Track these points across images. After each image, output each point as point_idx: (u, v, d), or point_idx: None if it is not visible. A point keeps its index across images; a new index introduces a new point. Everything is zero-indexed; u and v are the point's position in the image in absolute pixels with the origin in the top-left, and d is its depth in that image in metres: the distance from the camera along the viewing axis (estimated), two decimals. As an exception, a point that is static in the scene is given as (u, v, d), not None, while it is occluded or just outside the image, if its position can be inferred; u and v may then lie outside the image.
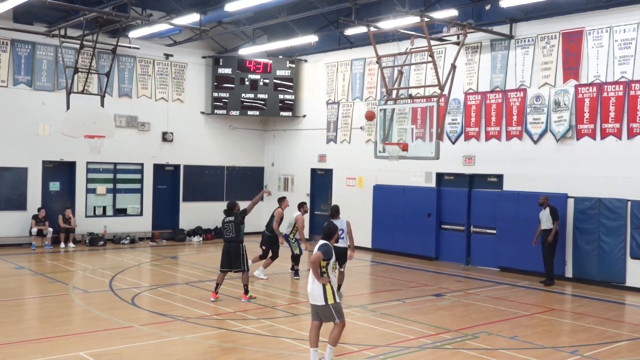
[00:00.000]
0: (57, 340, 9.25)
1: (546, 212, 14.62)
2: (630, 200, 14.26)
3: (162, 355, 8.79)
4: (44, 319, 10.90)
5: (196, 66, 22.18)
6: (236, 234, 12.08)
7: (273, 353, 8.86)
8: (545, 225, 14.66)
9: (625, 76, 14.46)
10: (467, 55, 17.30)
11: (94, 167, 20.30)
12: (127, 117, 20.63)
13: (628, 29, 14.44)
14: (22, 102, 18.77)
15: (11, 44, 18.58)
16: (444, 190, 18.00)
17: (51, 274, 14.74)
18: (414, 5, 16.15)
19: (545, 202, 14.76)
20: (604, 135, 14.78)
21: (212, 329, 10.14)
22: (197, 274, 15.17)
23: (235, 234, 12.08)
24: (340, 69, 20.88)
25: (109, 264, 16.43)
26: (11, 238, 18.63)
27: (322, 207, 21.80)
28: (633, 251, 14.21)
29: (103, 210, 20.61)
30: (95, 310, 11.19)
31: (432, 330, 10.32)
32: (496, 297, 13.21)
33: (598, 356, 9.15)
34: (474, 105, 17.24)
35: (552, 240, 14.56)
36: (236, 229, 12.07)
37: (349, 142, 20.63)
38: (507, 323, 11.01)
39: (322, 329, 8.25)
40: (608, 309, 12.48)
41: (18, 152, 18.77)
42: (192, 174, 22.19)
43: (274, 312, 11.37)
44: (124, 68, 20.64)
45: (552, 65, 15.71)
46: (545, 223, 14.64)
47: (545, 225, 14.66)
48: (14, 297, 12.47)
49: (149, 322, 10.44)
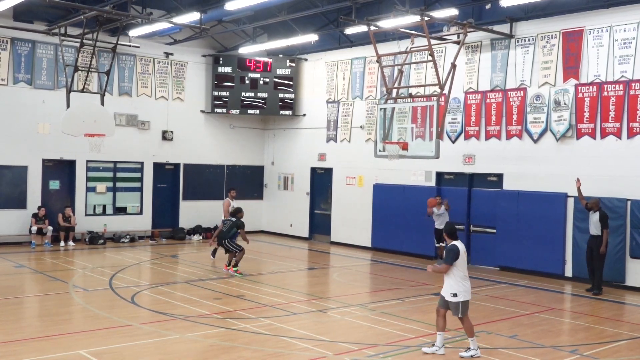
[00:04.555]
0: (57, 339, 9.25)
1: (595, 216, 13.57)
2: (630, 200, 14.26)
3: (162, 353, 8.79)
4: (44, 317, 10.90)
5: (196, 65, 22.17)
6: (227, 230, 14.80)
7: (272, 352, 8.86)
8: (593, 230, 13.64)
9: (625, 75, 14.46)
10: (467, 54, 17.30)
11: (94, 166, 20.31)
12: (127, 115, 20.63)
13: (628, 28, 14.44)
14: (22, 100, 18.77)
15: (11, 42, 18.57)
16: (444, 189, 17.99)
17: (51, 272, 14.75)
18: (414, 4, 16.13)
19: (594, 206, 13.66)
20: (604, 135, 14.79)
21: (212, 327, 10.14)
22: (196, 272, 15.18)
23: (227, 230, 14.80)
24: (341, 67, 20.87)
25: (109, 262, 16.44)
26: (11, 236, 18.63)
27: (322, 206, 21.82)
28: (633, 250, 14.21)
29: (103, 208, 20.62)
30: (95, 309, 11.19)
31: (432, 330, 10.30)
32: (496, 296, 13.22)
33: (597, 355, 9.15)
34: (474, 105, 17.24)
35: (604, 250, 13.46)
36: (230, 228, 14.78)
37: (349, 141, 20.63)
38: (506, 322, 11.02)
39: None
40: (607, 308, 12.49)
41: (18, 150, 18.77)
42: (192, 172, 22.19)
43: (274, 311, 11.37)
44: (124, 66, 20.64)
45: (552, 64, 15.71)
46: (594, 229, 13.63)
47: (593, 230, 13.64)
48: (13, 295, 12.46)
49: (148, 321, 10.44)
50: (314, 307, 11.90)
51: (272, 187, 23.68)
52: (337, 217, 21.13)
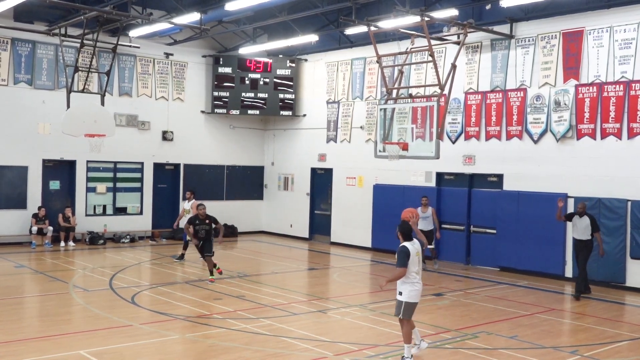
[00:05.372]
0: (57, 339, 9.25)
1: (585, 221, 13.12)
2: (630, 200, 14.26)
3: (163, 353, 8.80)
4: (44, 317, 10.91)
5: (196, 65, 22.18)
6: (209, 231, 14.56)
7: (273, 352, 8.87)
8: (581, 235, 13.16)
9: (626, 76, 14.46)
10: (468, 54, 17.30)
11: (94, 166, 20.31)
12: (127, 115, 20.64)
13: (628, 28, 14.44)
14: (22, 100, 18.78)
15: (12, 43, 18.58)
16: (444, 190, 18.00)
17: (51, 272, 14.75)
18: (415, 4, 16.12)
19: (583, 211, 13.26)
20: (604, 135, 14.79)
21: (212, 327, 10.14)
22: (196, 272, 15.17)
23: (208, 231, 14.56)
24: (341, 68, 20.87)
25: (109, 262, 16.43)
26: (11, 236, 18.63)
27: (323, 207, 21.82)
28: (633, 251, 14.21)
29: (103, 209, 20.62)
30: (95, 309, 11.19)
31: (432, 330, 10.33)
32: (496, 297, 13.21)
33: (598, 356, 9.14)
34: (474, 105, 17.24)
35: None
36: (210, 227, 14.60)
37: (349, 141, 20.63)
38: (506, 323, 11.01)
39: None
40: (608, 309, 12.48)
41: (18, 150, 18.78)
42: (192, 172, 22.19)
43: (274, 312, 11.37)
44: (124, 67, 20.64)
45: (553, 65, 15.71)
46: (582, 233, 13.15)
47: (581, 235, 13.16)
48: (14, 295, 12.47)
49: (149, 321, 10.45)
50: (314, 307, 11.90)
51: (272, 188, 23.67)
52: (337, 218, 21.12)
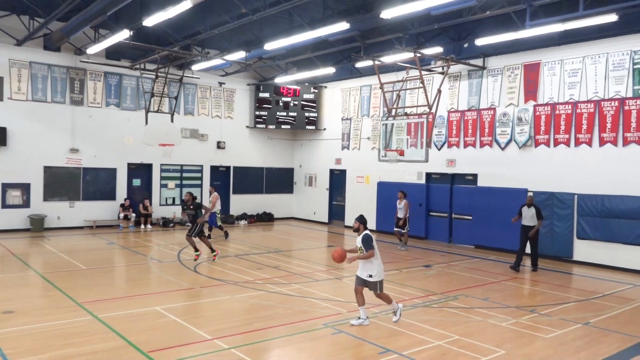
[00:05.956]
0: (138, 298, 9.37)
1: (532, 210, 12.72)
2: (576, 194, 14.06)
3: (217, 309, 8.86)
4: (129, 281, 11.05)
5: (242, 91, 22.25)
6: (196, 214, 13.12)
7: (300, 309, 8.88)
8: (529, 222, 12.76)
9: (573, 98, 14.24)
10: (450, 82, 17.15)
11: (165, 168, 20.48)
12: (191, 130, 20.78)
13: (575, 61, 14.22)
14: (112, 119, 19.00)
15: (104, 75, 18.81)
16: (431, 186, 17.88)
17: (134, 248, 14.92)
18: (409, 43, 16.08)
19: (531, 202, 12.87)
20: (556, 144, 14.58)
21: (254, 290, 10.18)
22: (243, 248, 15.24)
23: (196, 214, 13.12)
24: (352, 93, 20.81)
25: (177, 241, 16.56)
26: (104, 221, 18.87)
27: (338, 199, 21.79)
28: (578, 233, 14.02)
29: (172, 200, 20.77)
30: (167, 276, 11.30)
31: (422, 293, 10.28)
32: (472, 268, 13.10)
33: (551, 314, 9.04)
34: (455, 121, 17.09)
35: (535, 235, 12.77)
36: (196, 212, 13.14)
37: (358, 149, 20.57)
38: (480, 288, 10.92)
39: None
40: (559, 278, 12.32)
41: (109, 156, 19.01)
42: (239, 173, 22.27)
43: (301, 278, 11.39)
44: (188, 93, 20.78)
45: (516, 89, 15.52)
46: (529, 220, 12.75)
47: (529, 222, 12.76)
48: (106, 265, 12.64)
49: (207, 285, 10.52)
50: (332, 275, 11.89)
51: (300, 184, 23.70)
52: (350, 207, 21.08)
